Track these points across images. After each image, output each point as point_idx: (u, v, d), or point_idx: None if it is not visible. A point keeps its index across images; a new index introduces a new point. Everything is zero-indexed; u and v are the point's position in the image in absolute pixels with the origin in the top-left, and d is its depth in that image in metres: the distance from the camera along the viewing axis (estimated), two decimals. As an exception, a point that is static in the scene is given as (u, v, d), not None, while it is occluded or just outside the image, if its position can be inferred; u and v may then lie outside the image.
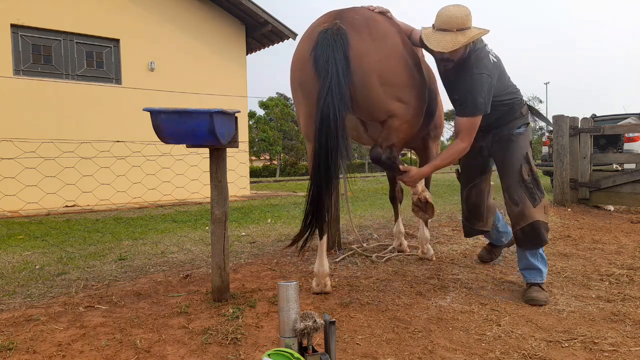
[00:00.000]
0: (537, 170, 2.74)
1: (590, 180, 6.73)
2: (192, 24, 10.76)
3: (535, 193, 2.67)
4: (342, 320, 2.42)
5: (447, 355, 2.03)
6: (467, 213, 3.12)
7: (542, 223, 2.66)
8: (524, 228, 2.67)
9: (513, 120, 2.75)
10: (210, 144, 2.57)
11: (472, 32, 2.47)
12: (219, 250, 2.71)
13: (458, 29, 2.45)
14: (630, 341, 2.12)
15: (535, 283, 2.71)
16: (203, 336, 2.21)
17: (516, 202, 2.69)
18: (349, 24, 2.59)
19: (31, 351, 2.07)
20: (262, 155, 36.26)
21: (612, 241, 4.41)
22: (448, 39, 2.45)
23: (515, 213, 2.71)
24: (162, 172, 6.36)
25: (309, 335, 1.67)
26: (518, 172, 2.68)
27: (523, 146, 2.73)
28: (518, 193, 2.68)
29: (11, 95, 8.57)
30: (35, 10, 8.86)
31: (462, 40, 2.44)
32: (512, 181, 2.71)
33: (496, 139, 2.79)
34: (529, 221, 2.65)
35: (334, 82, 2.46)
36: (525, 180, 2.67)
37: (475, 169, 3.02)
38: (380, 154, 2.75)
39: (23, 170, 5.59)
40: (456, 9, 2.48)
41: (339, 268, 3.56)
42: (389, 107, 2.65)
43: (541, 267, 2.73)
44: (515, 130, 2.75)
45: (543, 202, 2.70)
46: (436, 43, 2.49)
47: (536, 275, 2.73)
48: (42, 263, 3.90)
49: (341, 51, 2.49)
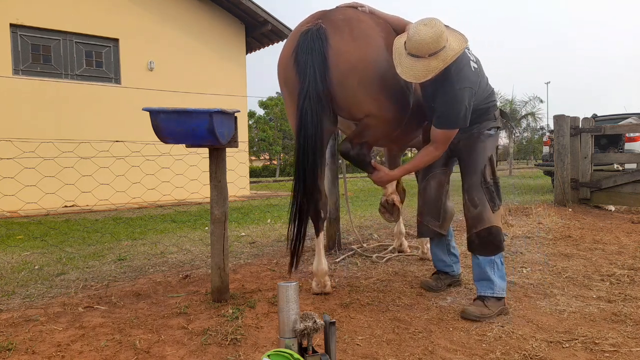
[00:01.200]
0: (499, 177, 2.65)
1: (591, 180, 6.72)
2: (191, 23, 10.75)
3: (495, 198, 2.56)
4: (342, 320, 2.41)
5: (448, 355, 2.02)
6: (422, 208, 2.88)
7: (499, 229, 2.54)
8: (480, 232, 2.52)
9: (485, 120, 2.63)
10: (210, 144, 2.56)
11: (446, 52, 2.26)
12: (218, 251, 2.70)
13: (430, 54, 2.26)
14: (631, 341, 2.12)
15: (481, 296, 2.51)
16: (202, 337, 2.21)
17: (475, 204, 2.56)
18: (331, 24, 2.60)
19: (30, 352, 2.07)
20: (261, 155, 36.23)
21: (613, 241, 4.40)
22: (420, 66, 2.28)
23: (473, 215, 2.57)
24: (161, 172, 6.35)
25: (309, 336, 1.66)
26: (481, 172, 2.57)
27: (489, 148, 2.62)
28: (479, 195, 2.55)
29: (10, 95, 8.56)
30: (35, 10, 8.85)
31: (437, 67, 2.26)
32: (473, 181, 2.59)
33: (464, 137, 2.64)
34: (486, 225, 2.52)
35: (311, 86, 2.49)
36: (487, 182, 2.56)
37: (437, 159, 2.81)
38: (349, 149, 2.73)
39: (22, 170, 5.58)
40: (426, 30, 2.24)
41: (339, 268, 3.55)
42: (366, 106, 2.63)
43: (494, 278, 2.51)
44: (485, 131, 2.63)
45: (501, 211, 2.60)
46: (408, 71, 2.32)
47: (485, 287, 2.52)
48: (42, 263, 3.90)
49: (319, 52, 2.50)
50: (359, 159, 2.75)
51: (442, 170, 2.84)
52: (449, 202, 2.90)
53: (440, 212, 2.84)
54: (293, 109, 2.68)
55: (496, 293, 2.49)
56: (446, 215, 2.86)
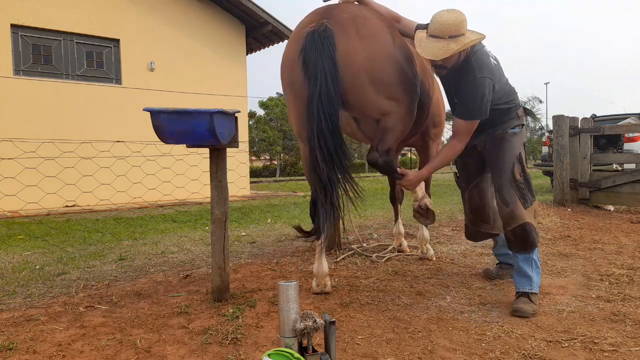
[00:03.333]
0: (530, 173, 2.67)
1: (590, 180, 6.73)
2: (192, 24, 10.75)
3: (527, 195, 2.61)
4: (342, 320, 2.42)
5: (447, 355, 2.03)
6: (471, 216, 3.02)
7: (533, 225, 2.59)
8: (515, 229, 2.59)
9: (508, 120, 2.69)
10: (211, 144, 2.57)
11: (465, 38, 2.38)
12: (219, 250, 2.71)
13: (450, 36, 2.36)
14: (630, 341, 2.12)
15: (524, 292, 2.58)
16: (203, 336, 2.22)
17: (507, 203, 2.61)
18: (336, 23, 2.55)
19: (31, 351, 2.08)
20: (262, 155, 36.23)
21: (612, 241, 4.41)
22: (439, 46, 2.38)
23: (505, 214, 2.63)
24: (162, 172, 6.36)
25: (309, 335, 1.67)
26: (510, 171, 2.62)
27: (517, 146, 2.67)
28: (509, 193, 2.60)
29: (11, 96, 8.56)
30: (35, 10, 8.86)
31: (454, 48, 2.36)
32: (503, 181, 2.63)
33: (489, 138, 2.72)
34: (519, 222, 2.57)
35: (323, 89, 2.45)
36: (517, 180, 2.60)
37: (474, 167, 2.94)
38: (377, 159, 2.70)
39: (23, 170, 5.59)
40: (449, 15, 2.39)
41: (339, 268, 3.56)
42: (380, 105, 2.61)
43: (532, 275, 2.61)
44: (510, 130, 2.69)
45: (534, 206, 2.63)
46: (427, 50, 2.41)
47: (525, 283, 2.60)
48: (42, 263, 3.90)
49: (328, 55, 2.47)
50: (387, 167, 2.72)
51: (482, 177, 2.93)
52: (494, 203, 2.94)
53: (490, 216, 2.96)
54: (299, 109, 2.63)
55: (534, 289, 2.59)
56: (496, 217, 2.92)
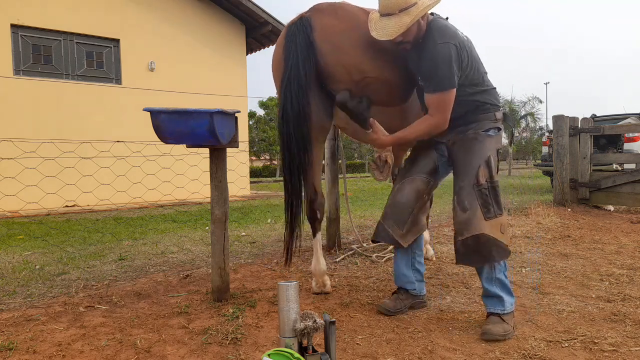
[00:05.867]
0: (499, 184, 2.33)
1: (590, 180, 6.73)
2: (192, 24, 10.76)
3: (491, 204, 2.24)
4: (342, 320, 2.42)
5: (447, 355, 2.03)
6: (388, 209, 2.52)
7: (491, 239, 2.20)
8: (466, 240, 2.23)
9: (484, 120, 2.40)
10: (210, 144, 2.57)
11: (417, 8, 2.18)
12: (219, 250, 2.71)
13: (401, 10, 2.19)
14: (630, 341, 2.12)
15: (494, 313, 2.26)
16: (203, 336, 2.22)
17: (464, 208, 2.26)
18: (315, 11, 2.60)
19: (31, 351, 2.08)
20: (262, 155, 36.23)
21: (612, 241, 4.41)
22: (392, 24, 2.21)
23: (461, 220, 2.27)
24: (162, 172, 6.36)
25: (309, 335, 1.67)
26: (474, 173, 2.28)
27: (488, 148, 2.34)
28: (469, 197, 2.25)
29: (11, 95, 8.57)
30: (35, 10, 8.86)
31: (407, 21, 2.17)
32: (465, 183, 2.30)
33: (459, 137, 2.41)
34: (473, 232, 2.21)
35: (293, 71, 2.49)
36: (480, 185, 2.26)
37: (423, 162, 2.54)
38: (347, 100, 2.51)
39: (23, 170, 5.59)
40: None
41: (339, 268, 3.56)
42: (362, 65, 2.52)
43: (501, 293, 2.27)
44: (483, 132, 2.38)
45: (500, 220, 2.24)
46: (380, 31, 2.26)
47: (495, 304, 2.27)
48: (42, 263, 3.91)
49: (304, 38, 2.49)
50: (357, 110, 2.51)
51: (425, 178, 2.50)
52: (422, 217, 2.55)
53: (406, 222, 2.47)
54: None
55: (507, 309, 2.26)
56: (412, 228, 2.49)
